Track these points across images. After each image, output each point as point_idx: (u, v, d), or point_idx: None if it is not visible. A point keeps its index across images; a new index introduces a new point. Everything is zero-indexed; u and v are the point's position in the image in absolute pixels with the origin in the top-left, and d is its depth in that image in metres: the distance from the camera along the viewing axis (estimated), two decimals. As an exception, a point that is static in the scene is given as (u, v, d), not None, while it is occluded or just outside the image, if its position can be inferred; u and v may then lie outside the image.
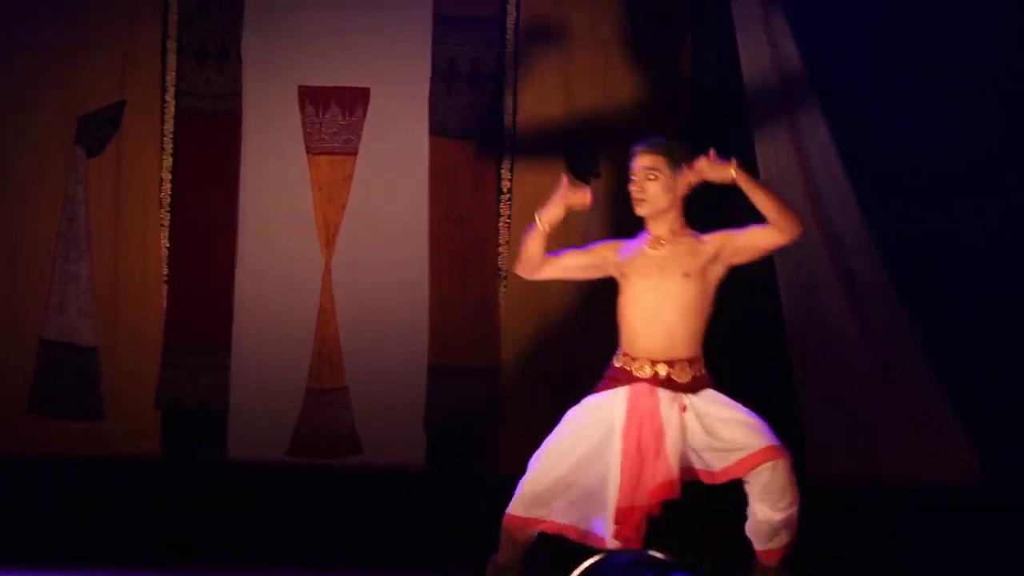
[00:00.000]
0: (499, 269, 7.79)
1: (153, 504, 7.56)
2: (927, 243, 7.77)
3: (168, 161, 7.78)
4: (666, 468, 5.43)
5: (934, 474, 7.76)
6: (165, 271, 7.76)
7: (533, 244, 5.83)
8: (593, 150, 7.80)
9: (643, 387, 5.52)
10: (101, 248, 7.72)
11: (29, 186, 7.73)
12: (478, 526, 6.06)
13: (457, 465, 7.72)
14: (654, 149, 5.69)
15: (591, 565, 3.33)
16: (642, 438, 5.46)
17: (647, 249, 5.67)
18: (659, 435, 5.46)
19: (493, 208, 7.81)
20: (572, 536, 5.50)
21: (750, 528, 5.52)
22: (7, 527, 7.36)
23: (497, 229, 7.80)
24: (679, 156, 5.69)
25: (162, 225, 7.77)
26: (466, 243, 7.79)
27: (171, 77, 7.78)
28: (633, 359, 5.58)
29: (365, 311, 7.76)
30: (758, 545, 5.52)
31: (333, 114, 7.80)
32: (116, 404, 7.69)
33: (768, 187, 5.71)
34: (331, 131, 7.80)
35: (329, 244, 7.78)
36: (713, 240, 5.69)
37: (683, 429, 5.47)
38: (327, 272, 7.76)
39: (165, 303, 7.74)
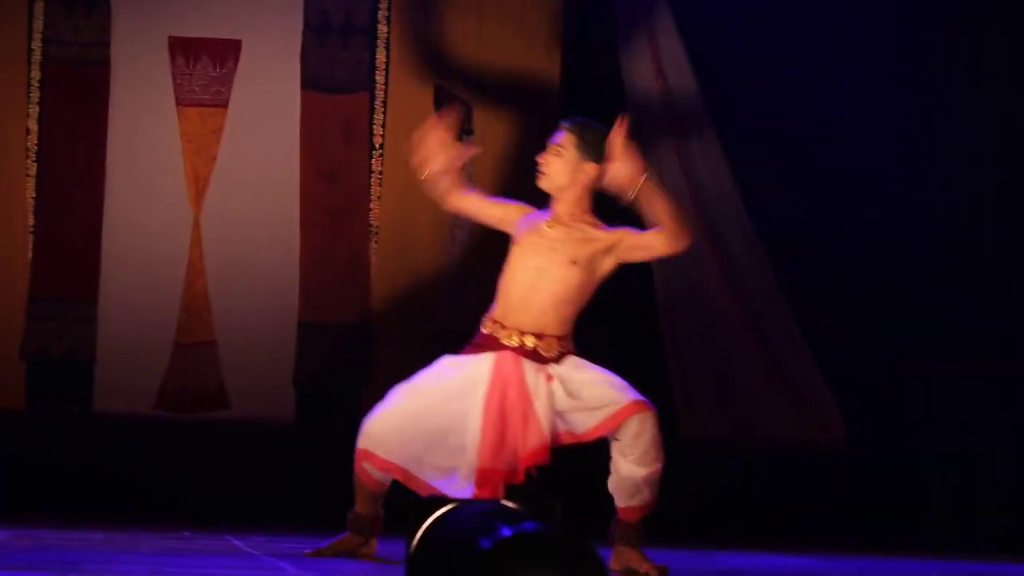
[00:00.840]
0: (370, 225, 7.77)
1: (17, 456, 7.49)
2: (799, 219, 7.89)
3: (35, 110, 7.67)
4: (537, 433, 5.45)
5: (803, 436, 7.87)
6: (31, 221, 7.66)
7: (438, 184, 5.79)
8: (466, 106, 7.81)
9: (508, 355, 5.53)
10: (-34, 197, 7.62)
11: None
12: (347, 482, 6.05)
13: (326, 421, 7.71)
14: (569, 128, 5.66)
15: (442, 514, 3.33)
16: (506, 403, 5.47)
17: (543, 226, 5.65)
18: (526, 401, 5.47)
19: (365, 164, 7.79)
20: (397, 476, 5.55)
21: (612, 484, 5.55)
22: None
23: (369, 185, 7.78)
24: (591, 140, 5.64)
25: (28, 175, 7.67)
26: (337, 199, 7.76)
27: (38, 24, 7.67)
28: (503, 327, 5.59)
29: (235, 265, 7.70)
30: (620, 502, 5.55)
31: (204, 65, 7.72)
32: (-22, 355, 7.60)
33: (669, 197, 5.63)
34: (201, 83, 7.72)
35: (198, 197, 7.71)
36: (611, 234, 5.64)
37: (550, 396, 5.49)
38: (196, 225, 7.70)
39: (31, 254, 7.64)
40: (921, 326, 7.95)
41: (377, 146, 7.80)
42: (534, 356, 5.53)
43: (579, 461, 6.12)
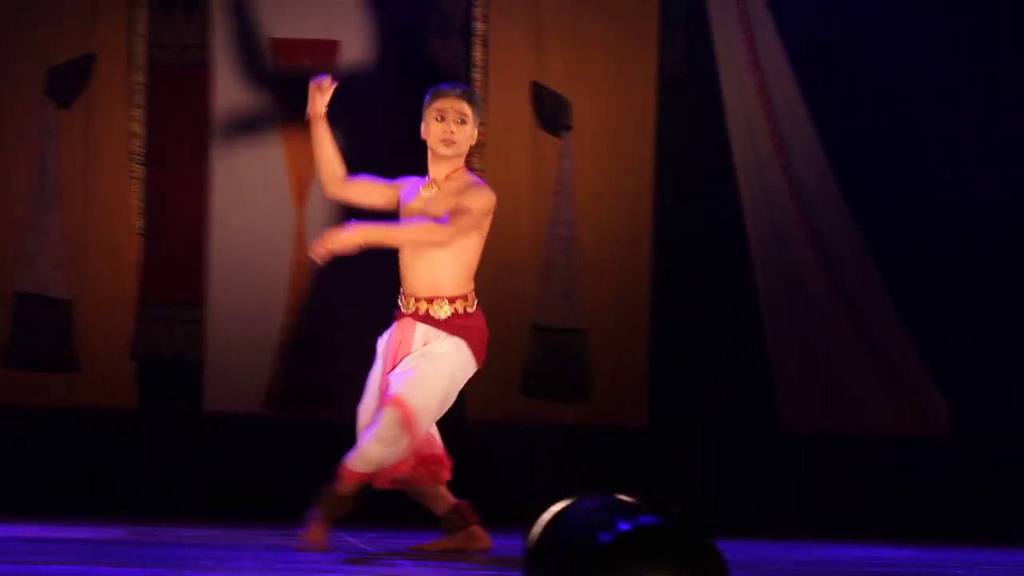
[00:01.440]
0: (471, 221, 7.78)
1: (129, 456, 7.59)
2: (895, 200, 7.85)
3: (139, 113, 7.77)
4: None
5: (904, 425, 7.83)
6: (139, 224, 7.76)
7: (317, 152, 5.88)
8: (563, 102, 7.82)
9: (406, 321, 5.65)
10: (72, 200, 7.71)
11: (0, 137, 7.72)
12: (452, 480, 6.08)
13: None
14: (466, 97, 5.77)
15: (559, 511, 3.37)
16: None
17: (420, 191, 5.77)
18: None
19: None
20: (406, 470, 5.60)
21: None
22: (-17, 480, 7.40)
23: (469, 182, 7.80)
24: (479, 103, 5.82)
25: (133, 177, 7.76)
26: (439, 197, 7.77)
27: (140, 28, 7.76)
28: (404, 295, 5.69)
29: (338, 265, 7.74)
30: (349, 464, 5.66)
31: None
32: (91, 356, 7.69)
33: (401, 228, 5.72)
34: (301, 84, 7.77)
35: (301, 198, 7.78)
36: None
37: None
38: (300, 225, 7.77)
39: (139, 256, 7.74)
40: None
41: (478, 144, 7.81)
42: (427, 319, 5.60)
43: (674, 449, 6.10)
